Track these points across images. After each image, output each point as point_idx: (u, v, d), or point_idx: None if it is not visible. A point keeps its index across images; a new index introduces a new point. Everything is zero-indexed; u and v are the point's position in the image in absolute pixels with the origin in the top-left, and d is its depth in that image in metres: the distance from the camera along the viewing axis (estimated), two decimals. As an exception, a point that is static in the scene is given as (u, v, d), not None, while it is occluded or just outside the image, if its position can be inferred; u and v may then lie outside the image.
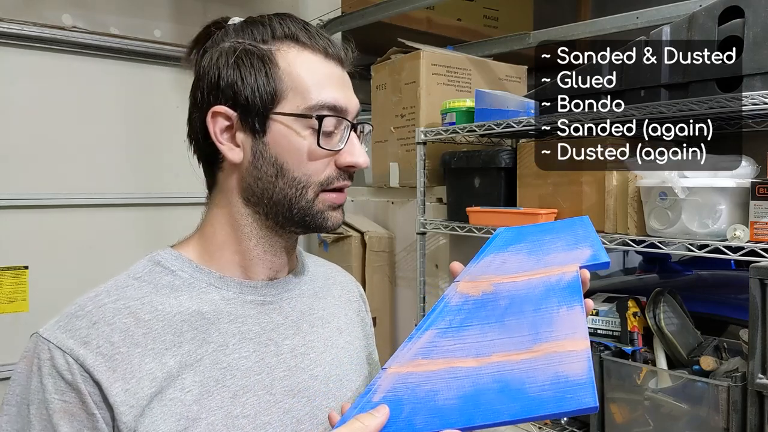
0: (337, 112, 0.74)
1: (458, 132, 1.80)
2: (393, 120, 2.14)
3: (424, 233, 1.93)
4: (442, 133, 1.83)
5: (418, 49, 2.05)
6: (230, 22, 0.77)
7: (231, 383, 0.71)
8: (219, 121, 0.74)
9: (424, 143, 1.91)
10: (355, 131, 0.78)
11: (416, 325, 0.73)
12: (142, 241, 2.12)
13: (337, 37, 2.65)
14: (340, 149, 0.75)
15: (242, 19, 0.78)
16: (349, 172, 0.77)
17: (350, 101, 0.76)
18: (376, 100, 2.24)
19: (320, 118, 0.73)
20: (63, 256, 2.01)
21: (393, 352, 0.70)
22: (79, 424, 0.65)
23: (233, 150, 0.74)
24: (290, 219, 0.76)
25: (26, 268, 1.95)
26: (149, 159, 2.18)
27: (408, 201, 2.16)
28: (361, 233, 2.19)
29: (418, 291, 1.93)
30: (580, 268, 0.71)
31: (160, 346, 0.69)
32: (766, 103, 1.18)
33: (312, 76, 0.74)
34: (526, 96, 1.74)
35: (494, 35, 2.65)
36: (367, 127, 0.82)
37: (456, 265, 0.78)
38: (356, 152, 0.76)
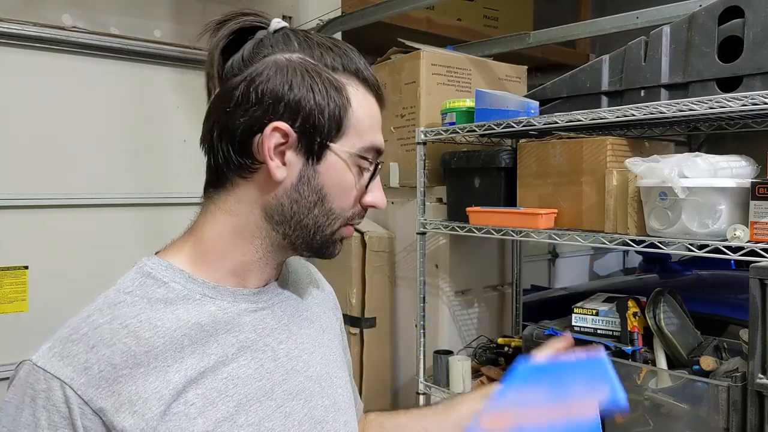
0: (379, 155, 0.78)
1: (458, 132, 1.80)
2: (393, 120, 2.14)
3: (424, 233, 1.93)
4: (442, 133, 1.83)
5: (418, 49, 2.05)
6: (276, 26, 0.75)
7: (234, 393, 0.71)
8: (276, 136, 0.71)
9: (424, 143, 1.91)
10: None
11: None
12: (142, 241, 2.12)
13: (337, 36, 2.65)
14: (366, 188, 0.78)
15: (285, 25, 0.75)
16: (366, 209, 0.80)
17: (383, 143, 0.80)
18: (376, 100, 2.24)
19: (377, 164, 0.77)
20: (63, 256, 2.01)
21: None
22: None
23: (280, 168, 0.72)
24: (308, 244, 0.77)
25: (26, 268, 1.95)
26: (149, 159, 2.18)
27: (408, 201, 2.16)
28: (361, 233, 2.19)
29: (418, 291, 1.93)
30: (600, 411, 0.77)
31: (162, 364, 0.67)
32: (766, 103, 1.18)
33: (369, 118, 0.77)
34: (526, 96, 1.74)
35: (494, 35, 2.65)
36: (380, 166, 0.83)
37: None
38: (378, 195, 0.79)
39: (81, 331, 0.66)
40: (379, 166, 0.78)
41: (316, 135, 0.71)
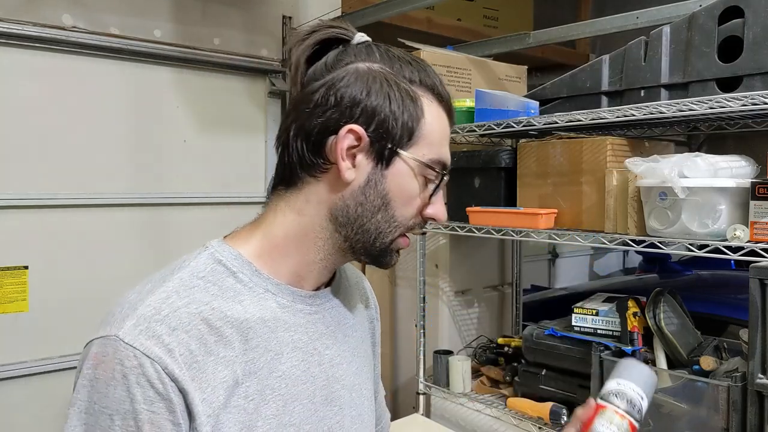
0: (444, 169, 0.78)
1: (458, 132, 1.80)
2: (393, 120, 2.14)
3: (424, 233, 1.93)
4: (442, 133, 1.83)
5: (418, 49, 2.05)
6: (360, 39, 0.78)
7: (284, 392, 0.73)
8: (349, 138, 0.73)
9: (424, 143, 1.91)
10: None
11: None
12: (142, 241, 2.12)
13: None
14: (428, 201, 0.78)
15: (369, 39, 0.79)
16: (426, 221, 0.80)
17: (449, 159, 0.80)
18: (376, 100, 2.24)
19: (442, 175, 0.77)
20: (63, 256, 2.00)
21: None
22: None
23: (350, 170, 0.74)
24: (367, 249, 0.78)
25: (26, 268, 1.95)
26: (149, 159, 2.18)
27: (408, 201, 2.16)
28: (361, 233, 2.19)
29: (418, 291, 1.93)
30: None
31: (230, 354, 0.69)
32: (766, 103, 1.18)
33: (440, 132, 0.77)
34: (526, 96, 1.74)
35: (494, 35, 2.65)
36: (445, 179, 0.84)
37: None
38: (440, 208, 0.80)
39: (163, 312, 0.67)
40: (444, 180, 0.79)
41: (387, 141, 0.74)
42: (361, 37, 0.78)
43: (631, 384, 0.87)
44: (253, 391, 0.70)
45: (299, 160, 0.75)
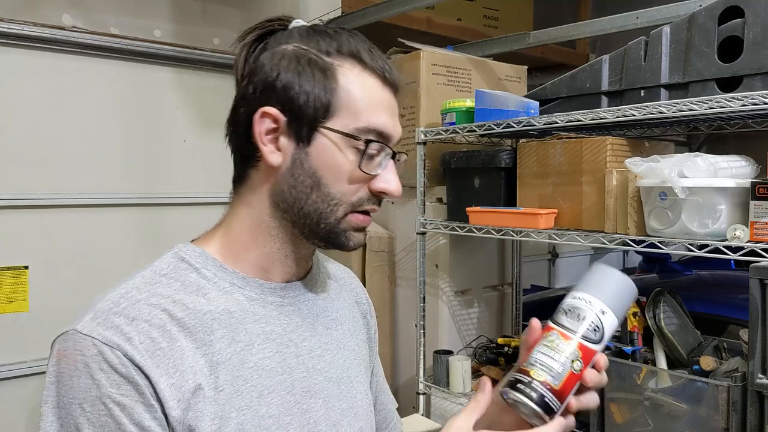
0: (383, 138, 0.75)
1: (458, 132, 1.80)
2: (393, 120, 2.14)
3: (424, 233, 1.93)
4: (442, 133, 1.83)
5: (418, 49, 2.05)
6: (294, 24, 0.77)
7: (258, 383, 0.72)
8: (266, 121, 0.73)
9: (424, 143, 1.91)
10: (393, 159, 0.78)
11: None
12: (142, 241, 2.12)
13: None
14: (377, 174, 0.75)
15: (307, 24, 0.78)
16: (380, 197, 0.78)
17: (396, 129, 0.77)
18: (376, 100, 2.24)
19: (368, 142, 0.73)
20: (63, 256, 2.00)
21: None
22: (138, 416, 0.64)
23: (274, 153, 0.74)
24: (316, 232, 0.76)
25: (26, 268, 1.95)
26: (149, 159, 2.18)
27: (408, 201, 2.16)
28: (361, 233, 2.19)
29: (418, 291, 1.93)
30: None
31: (193, 344, 0.69)
32: (766, 103, 1.18)
33: (367, 98, 0.74)
34: (526, 96, 1.74)
35: (494, 35, 2.65)
36: (404, 156, 0.82)
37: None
38: (391, 180, 0.77)
39: (121, 305, 0.68)
40: (387, 151, 0.76)
41: (304, 117, 0.73)
42: (296, 23, 0.78)
43: (589, 297, 0.72)
44: (223, 381, 0.69)
45: (239, 154, 0.77)
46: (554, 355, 0.69)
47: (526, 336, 0.75)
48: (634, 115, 1.38)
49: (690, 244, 1.28)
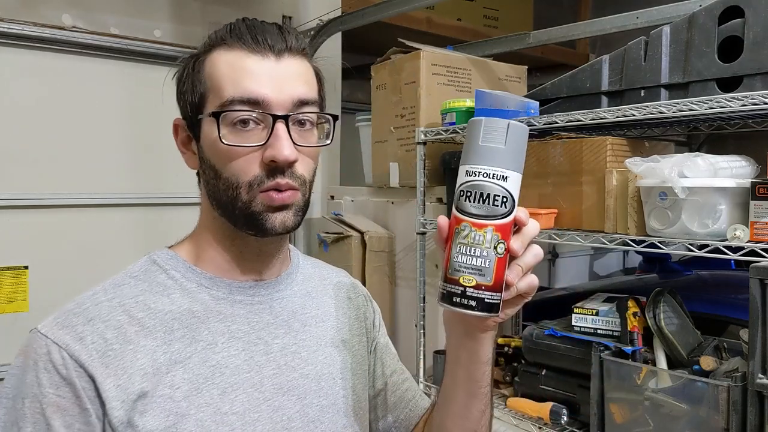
0: (253, 105, 0.71)
1: (458, 132, 1.80)
2: (393, 120, 2.14)
3: (424, 233, 1.93)
4: (442, 133, 1.83)
5: (418, 49, 2.04)
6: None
7: (220, 381, 0.73)
8: (179, 132, 0.80)
9: (424, 143, 1.91)
10: (287, 124, 0.72)
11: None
12: (142, 241, 2.12)
13: (337, 37, 2.65)
14: (261, 145, 0.72)
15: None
16: (273, 167, 0.72)
17: (278, 93, 0.72)
18: (376, 100, 2.24)
19: (217, 115, 0.71)
20: (63, 256, 2.00)
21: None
22: (71, 418, 0.66)
23: (190, 158, 0.79)
24: (237, 220, 0.75)
25: (26, 268, 1.95)
26: (149, 159, 2.18)
27: (408, 201, 2.16)
28: (361, 233, 2.19)
29: (418, 291, 1.93)
30: None
31: (151, 343, 0.71)
32: (766, 103, 1.18)
33: (228, 73, 0.73)
34: (526, 96, 1.74)
35: (494, 35, 2.65)
36: (309, 117, 0.76)
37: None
38: (276, 145, 0.71)
39: (83, 306, 0.72)
40: (265, 118, 0.71)
41: (191, 117, 0.77)
42: None
43: (484, 167, 0.64)
44: (180, 380, 0.70)
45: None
46: (474, 251, 0.63)
47: (437, 235, 0.69)
48: (634, 115, 1.38)
49: (690, 244, 1.28)
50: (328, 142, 0.79)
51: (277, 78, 0.73)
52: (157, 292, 0.75)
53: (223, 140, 0.71)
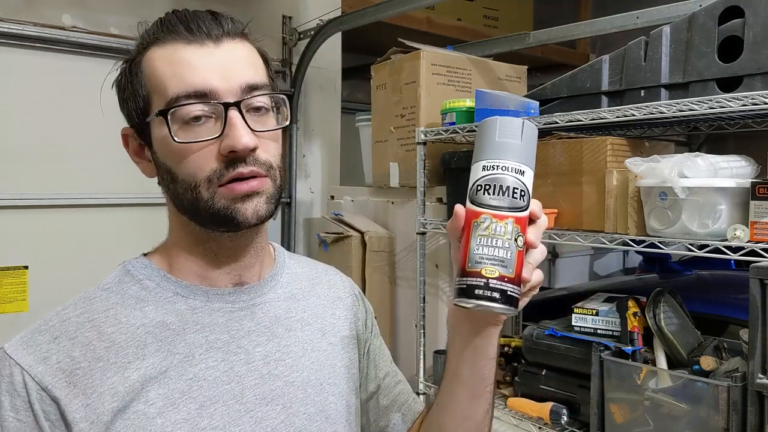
0: (200, 98, 0.68)
1: (458, 132, 1.80)
2: (393, 120, 2.14)
3: (424, 233, 1.93)
4: (442, 133, 1.83)
5: (418, 49, 2.04)
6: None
7: (198, 394, 0.69)
8: (129, 142, 0.76)
9: (424, 143, 1.91)
10: (240, 110, 0.69)
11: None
12: (142, 241, 2.11)
13: (337, 37, 2.65)
14: (216, 137, 0.68)
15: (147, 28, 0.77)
16: (233, 158, 0.69)
17: (224, 80, 0.68)
18: (376, 100, 2.24)
19: (164, 113, 0.68)
20: (63, 256, 2.00)
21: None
22: None
23: (146, 167, 0.76)
24: (205, 220, 0.72)
25: (26, 268, 1.95)
26: (149, 159, 2.18)
27: (408, 201, 2.16)
28: (361, 233, 2.19)
29: (418, 291, 1.93)
30: None
31: (122, 360, 0.67)
32: (766, 103, 1.18)
33: (167, 69, 0.69)
34: (526, 96, 1.74)
35: (494, 35, 2.65)
36: (262, 102, 0.71)
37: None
38: (233, 134, 0.67)
39: (50, 323, 0.69)
40: (215, 108, 0.68)
41: (138, 123, 0.73)
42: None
43: (500, 161, 0.65)
44: (155, 395, 0.67)
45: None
46: (497, 242, 0.63)
47: (453, 224, 0.67)
48: (634, 115, 1.38)
49: (690, 244, 1.28)
50: (287, 123, 0.76)
51: (220, 65, 0.69)
52: (129, 305, 0.71)
53: (176, 138, 0.68)
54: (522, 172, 0.65)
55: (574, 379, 1.58)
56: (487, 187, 0.64)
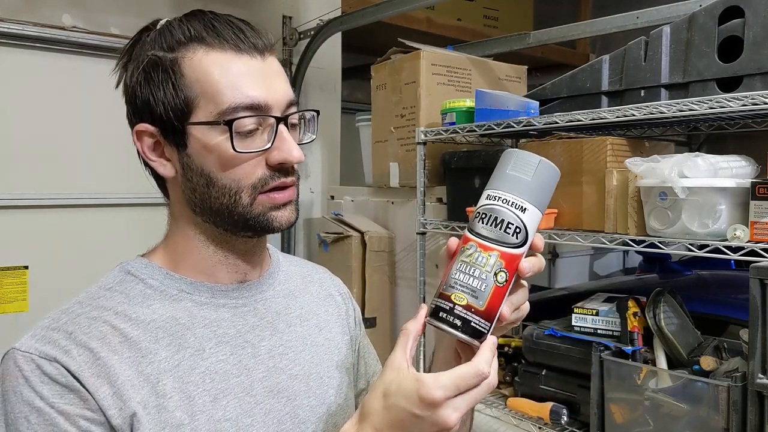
0: (256, 110, 0.70)
1: (458, 132, 1.80)
2: (393, 120, 2.14)
3: (424, 233, 1.93)
4: (442, 133, 1.83)
5: (418, 49, 2.05)
6: (158, 26, 0.76)
7: (211, 387, 0.71)
8: (145, 139, 0.74)
9: (424, 143, 1.91)
10: (286, 123, 0.73)
11: None
12: (142, 241, 2.11)
13: (337, 37, 2.65)
14: (267, 148, 0.71)
15: (163, 23, 0.76)
16: (283, 169, 0.73)
17: (274, 94, 0.72)
18: (376, 100, 2.24)
19: (229, 123, 0.69)
20: (63, 256, 2.01)
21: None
22: (86, 424, 0.64)
23: (165, 165, 0.74)
24: (235, 225, 0.74)
25: (26, 268, 1.95)
26: (149, 159, 2.18)
27: (408, 201, 2.16)
28: (361, 233, 2.19)
29: (418, 291, 1.93)
30: None
31: (136, 354, 0.68)
32: (766, 103, 1.18)
33: (223, 77, 0.70)
34: (526, 96, 1.74)
35: (494, 35, 2.65)
36: (308, 114, 0.78)
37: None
38: (285, 148, 0.72)
39: (60, 321, 0.69)
40: (268, 120, 0.71)
41: (170, 124, 0.72)
42: (160, 24, 0.76)
43: (504, 194, 0.64)
44: (171, 389, 0.68)
45: (150, 171, 0.78)
46: (474, 271, 0.62)
47: (444, 253, 0.69)
48: (634, 115, 1.38)
49: (690, 244, 1.28)
50: (314, 136, 0.81)
51: (269, 79, 0.72)
52: (136, 303, 0.72)
53: (237, 148, 0.70)
54: (523, 209, 0.63)
55: (574, 379, 1.58)
56: (483, 216, 0.64)
